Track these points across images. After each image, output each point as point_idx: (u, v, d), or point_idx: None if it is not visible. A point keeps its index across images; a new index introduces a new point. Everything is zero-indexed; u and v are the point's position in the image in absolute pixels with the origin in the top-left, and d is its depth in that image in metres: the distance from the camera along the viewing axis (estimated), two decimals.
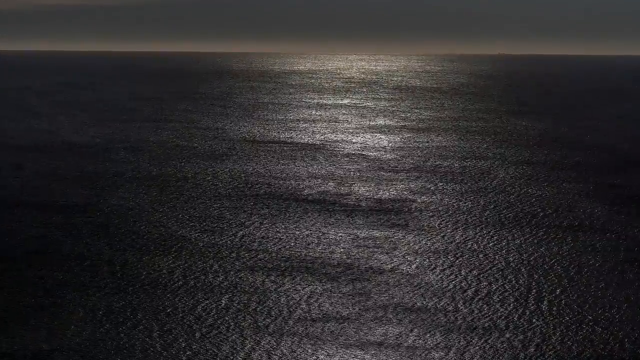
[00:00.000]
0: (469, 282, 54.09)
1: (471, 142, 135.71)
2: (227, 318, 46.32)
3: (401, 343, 42.63)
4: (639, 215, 76.45)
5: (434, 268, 57.45)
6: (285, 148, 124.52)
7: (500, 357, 40.68)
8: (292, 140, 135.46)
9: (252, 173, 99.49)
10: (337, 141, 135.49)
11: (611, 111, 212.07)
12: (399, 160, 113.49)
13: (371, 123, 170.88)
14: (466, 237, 66.83)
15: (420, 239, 66.23)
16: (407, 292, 51.74)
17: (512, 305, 49.13)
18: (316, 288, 52.27)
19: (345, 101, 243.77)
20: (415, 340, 43.15)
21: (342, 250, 62.15)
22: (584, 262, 59.38)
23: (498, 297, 50.85)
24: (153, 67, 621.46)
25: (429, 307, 48.68)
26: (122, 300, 49.51)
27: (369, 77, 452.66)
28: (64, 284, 52.87)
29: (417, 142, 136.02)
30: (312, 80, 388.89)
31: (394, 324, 45.72)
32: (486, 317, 46.91)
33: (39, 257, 59.69)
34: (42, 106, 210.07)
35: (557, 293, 51.66)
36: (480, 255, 61.00)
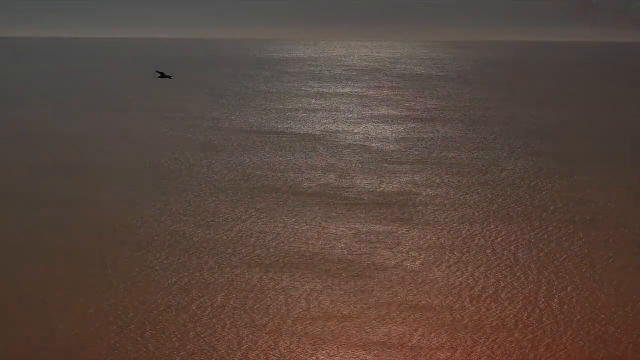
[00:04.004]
0: (476, 278, 53.31)
1: (478, 133, 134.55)
2: (222, 316, 45.86)
3: (405, 343, 42.32)
4: None
5: (439, 264, 56.65)
6: (283, 139, 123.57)
7: (509, 357, 40.33)
8: (290, 130, 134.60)
9: (249, 165, 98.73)
10: (338, 131, 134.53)
11: (627, 98, 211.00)
12: (402, 151, 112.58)
13: (373, 112, 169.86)
14: (473, 232, 65.93)
15: (425, 233, 65.42)
16: (411, 289, 51.08)
17: (521, 303, 48.59)
18: (316, 285, 51.66)
19: (347, 90, 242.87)
20: (419, 339, 42.78)
21: (343, 245, 61.28)
22: (597, 259, 58.36)
23: (506, 294, 50.20)
24: (145, 53, 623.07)
25: (434, 305, 48.15)
26: (112, 298, 48.82)
27: (371, 64, 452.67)
28: (51, 281, 51.90)
29: (422, 132, 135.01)
30: (312, 68, 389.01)
31: (398, 322, 45.29)
32: (494, 315, 46.45)
33: (25, 252, 58.48)
34: (27, 93, 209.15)
35: (568, 290, 50.91)
36: (488, 251, 60.16)
